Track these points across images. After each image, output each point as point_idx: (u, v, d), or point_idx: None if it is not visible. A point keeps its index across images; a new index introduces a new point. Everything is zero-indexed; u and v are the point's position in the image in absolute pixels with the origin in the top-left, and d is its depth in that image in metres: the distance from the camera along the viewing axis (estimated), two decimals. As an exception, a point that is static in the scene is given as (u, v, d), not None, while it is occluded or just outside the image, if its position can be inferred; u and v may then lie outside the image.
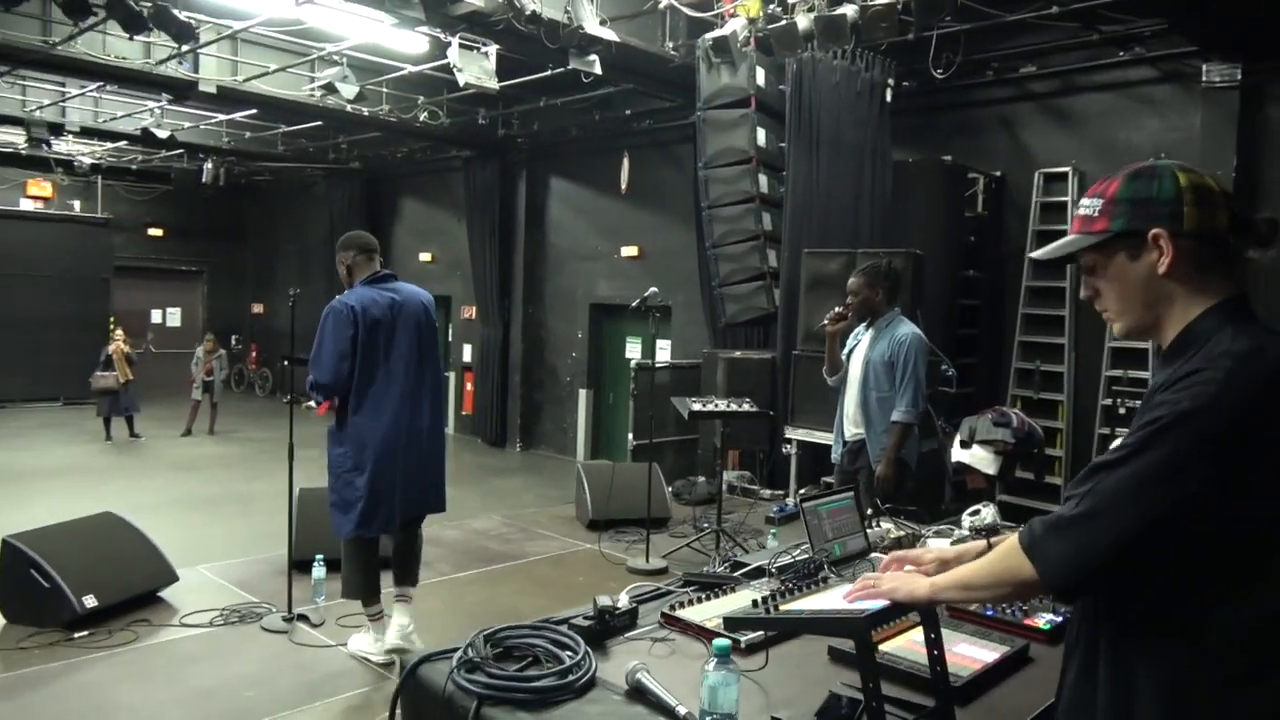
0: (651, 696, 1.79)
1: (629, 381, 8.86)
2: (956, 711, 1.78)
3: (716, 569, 2.71)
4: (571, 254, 12.03)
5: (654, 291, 5.64)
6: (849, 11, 6.21)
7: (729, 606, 2.25)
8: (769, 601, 1.75)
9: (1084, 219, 1.49)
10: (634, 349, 11.02)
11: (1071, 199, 7.17)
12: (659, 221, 10.70)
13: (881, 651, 2.00)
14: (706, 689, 1.62)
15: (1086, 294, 1.54)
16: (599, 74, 7.51)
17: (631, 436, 8.47)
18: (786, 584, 2.04)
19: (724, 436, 6.16)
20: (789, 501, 7.00)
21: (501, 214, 12.42)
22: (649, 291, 5.58)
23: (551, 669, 1.87)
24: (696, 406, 5.55)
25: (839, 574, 2.45)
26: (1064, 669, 1.53)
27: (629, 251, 11.12)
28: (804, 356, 6.84)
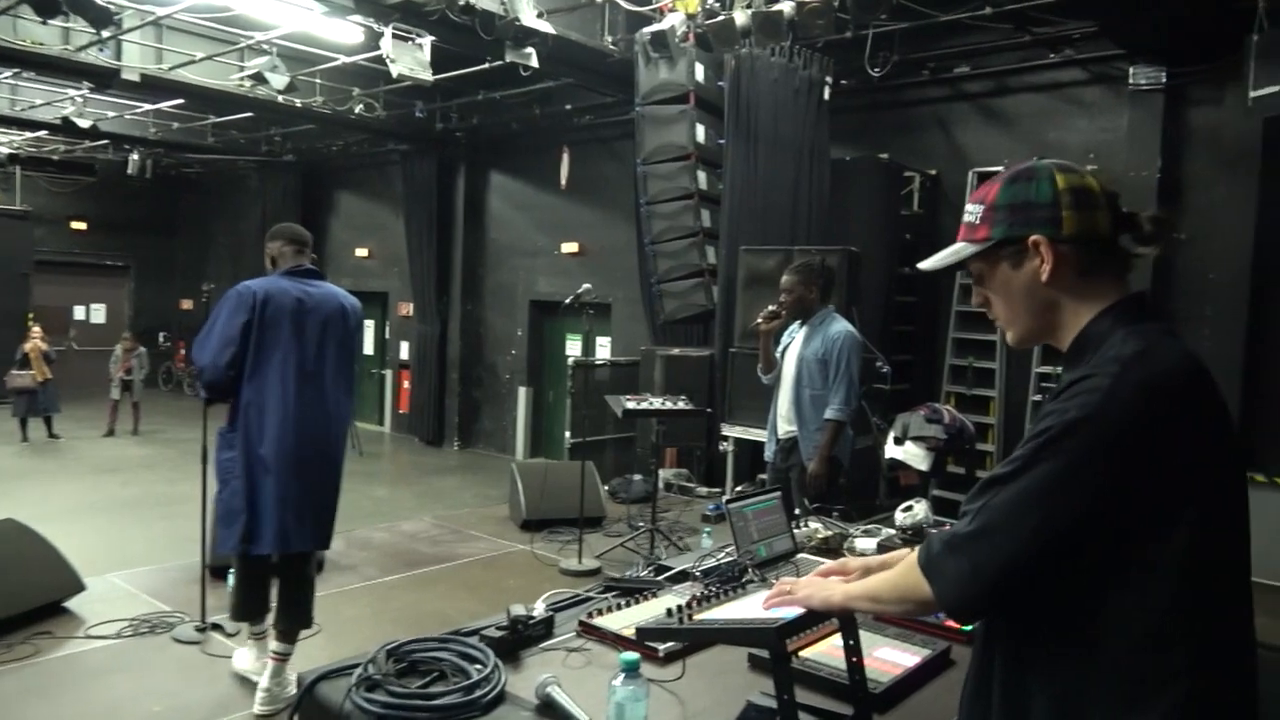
0: (561, 712, 1.70)
1: (568, 379, 8.76)
2: (876, 718, 1.73)
3: (640, 573, 2.64)
4: (511, 250, 11.88)
5: (588, 288, 5.56)
6: (786, 8, 6.19)
7: (650, 613, 2.17)
8: (683, 611, 1.68)
9: (968, 226, 1.44)
10: (575, 346, 10.91)
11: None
12: (600, 218, 10.61)
13: (802, 658, 1.95)
14: (613, 705, 1.54)
15: (978, 302, 1.48)
16: (536, 67, 7.38)
17: (569, 434, 8.38)
18: (705, 591, 1.98)
19: (660, 435, 6.10)
20: (725, 499, 6.98)
21: (440, 209, 12.21)
22: (583, 288, 5.49)
23: (458, 684, 1.78)
24: (631, 405, 5.48)
25: (763, 577, 2.40)
26: (965, 682, 1.48)
27: (569, 248, 11.01)
28: (741, 354, 6.81)
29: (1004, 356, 7.36)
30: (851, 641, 1.71)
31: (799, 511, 3.20)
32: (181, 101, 11.08)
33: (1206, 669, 1.25)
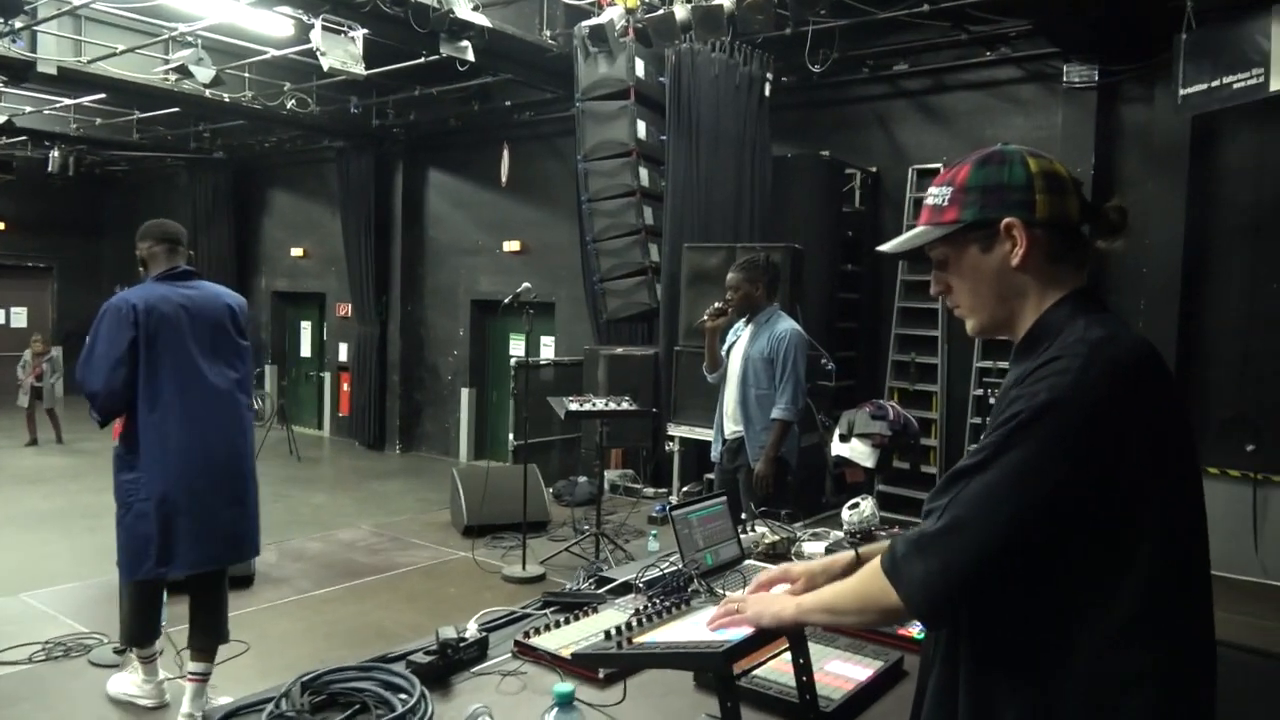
0: (493, 745, 1.59)
1: (511, 380, 8.60)
2: (828, 738, 1.65)
3: (581, 585, 2.53)
4: (452, 249, 11.66)
5: (527, 287, 5.42)
6: (726, 2, 6.14)
7: (592, 629, 2.07)
8: (622, 633, 1.58)
9: (933, 209, 1.37)
10: (518, 346, 10.75)
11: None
12: (542, 215, 10.46)
13: (752, 676, 1.87)
14: (547, 741, 1.43)
15: (937, 289, 1.42)
16: (472, 61, 7.22)
17: (512, 436, 8.22)
18: (649, 606, 1.88)
19: (604, 436, 5.99)
20: (672, 500, 6.90)
21: (378, 207, 11.94)
22: (522, 287, 5.36)
23: (380, 717, 1.65)
24: (574, 406, 5.35)
25: (709, 587, 2.31)
26: (919, 687, 1.41)
27: (511, 246, 10.84)
28: (686, 352, 6.74)
29: (945, 352, 7.41)
30: (801, 660, 1.63)
31: (745, 516, 3.11)
32: (103, 96, 10.64)
33: (1175, 668, 1.21)
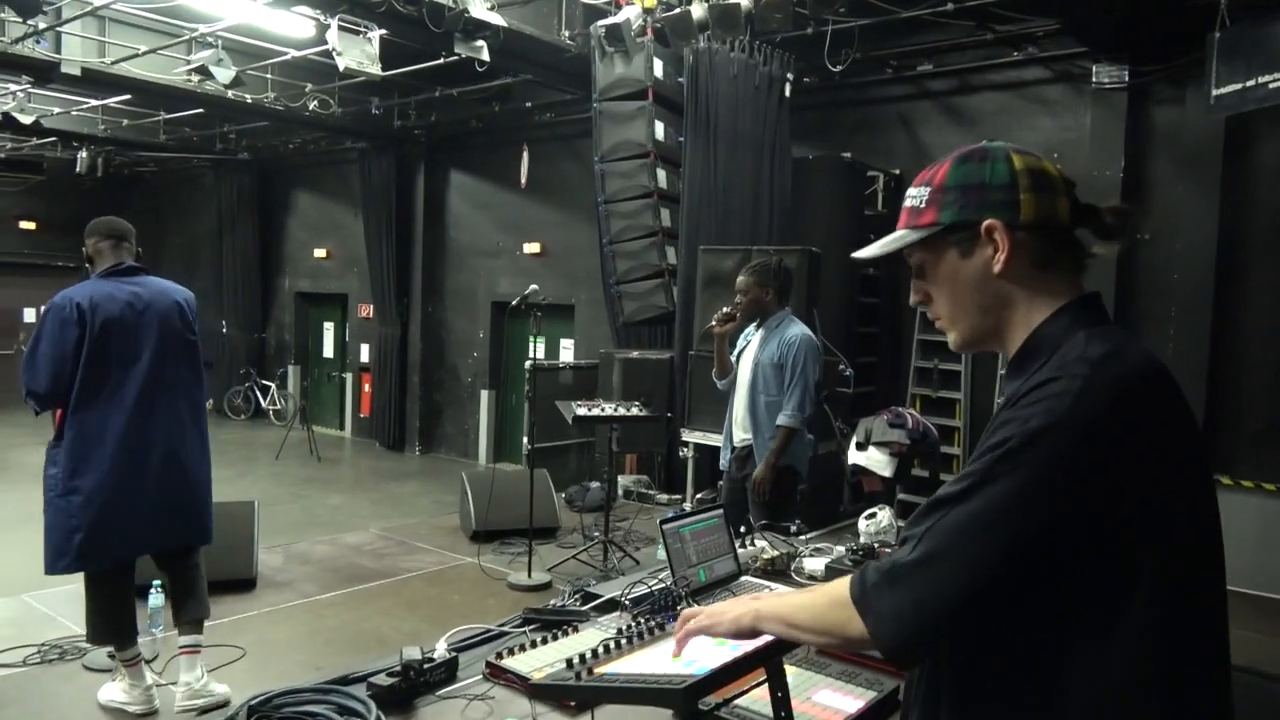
0: (448, 778, 1.49)
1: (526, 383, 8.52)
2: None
3: (566, 602, 2.43)
4: (472, 250, 11.62)
5: (534, 289, 5.33)
6: (743, 1, 6.01)
7: (569, 651, 1.96)
8: (584, 663, 1.47)
9: (910, 210, 1.26)
10: (539, 348, 10.67)
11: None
12: (562, 217, 10.39)
13: (733, 706, 1.75)
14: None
15: (916, 299, 1.29)
16: (488, 61, 7.16)
17: (527, 440, 8.14)
18: (629, 629, 1.77)
19: (616, 440, 5.89)
20: (685, 507, 6.78)
21: (399, 208, 11.94)
22: (529, 289, 5.27)
23: (332, 745, 1.57)
24: (582, 411, 5.26)
25: (699, 605, 2.20)
26: None
27: (531, 248, 10.78)
28: (700, 357, 6.62)
29: (969, 359, 7.22)
30: (780, 693, 1.52)
31: (743, 529, 2.99)
32: (129, 97, 10.72)
33: (1185, 714, 1.08)
